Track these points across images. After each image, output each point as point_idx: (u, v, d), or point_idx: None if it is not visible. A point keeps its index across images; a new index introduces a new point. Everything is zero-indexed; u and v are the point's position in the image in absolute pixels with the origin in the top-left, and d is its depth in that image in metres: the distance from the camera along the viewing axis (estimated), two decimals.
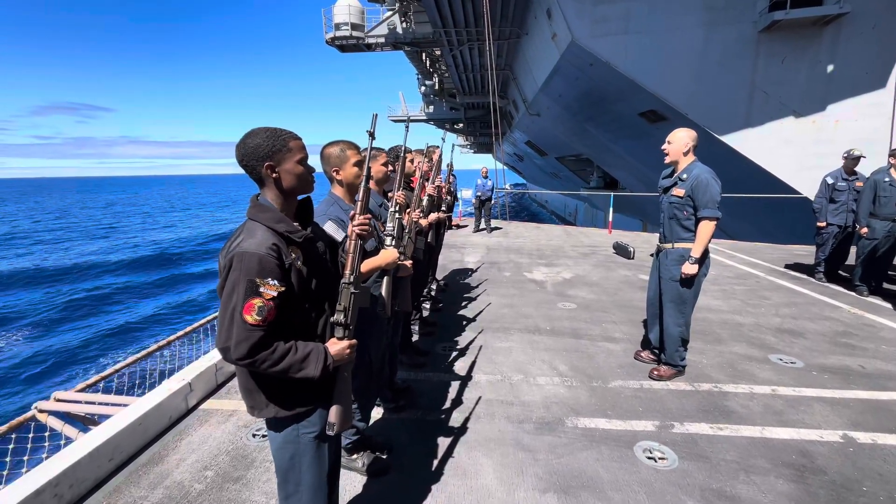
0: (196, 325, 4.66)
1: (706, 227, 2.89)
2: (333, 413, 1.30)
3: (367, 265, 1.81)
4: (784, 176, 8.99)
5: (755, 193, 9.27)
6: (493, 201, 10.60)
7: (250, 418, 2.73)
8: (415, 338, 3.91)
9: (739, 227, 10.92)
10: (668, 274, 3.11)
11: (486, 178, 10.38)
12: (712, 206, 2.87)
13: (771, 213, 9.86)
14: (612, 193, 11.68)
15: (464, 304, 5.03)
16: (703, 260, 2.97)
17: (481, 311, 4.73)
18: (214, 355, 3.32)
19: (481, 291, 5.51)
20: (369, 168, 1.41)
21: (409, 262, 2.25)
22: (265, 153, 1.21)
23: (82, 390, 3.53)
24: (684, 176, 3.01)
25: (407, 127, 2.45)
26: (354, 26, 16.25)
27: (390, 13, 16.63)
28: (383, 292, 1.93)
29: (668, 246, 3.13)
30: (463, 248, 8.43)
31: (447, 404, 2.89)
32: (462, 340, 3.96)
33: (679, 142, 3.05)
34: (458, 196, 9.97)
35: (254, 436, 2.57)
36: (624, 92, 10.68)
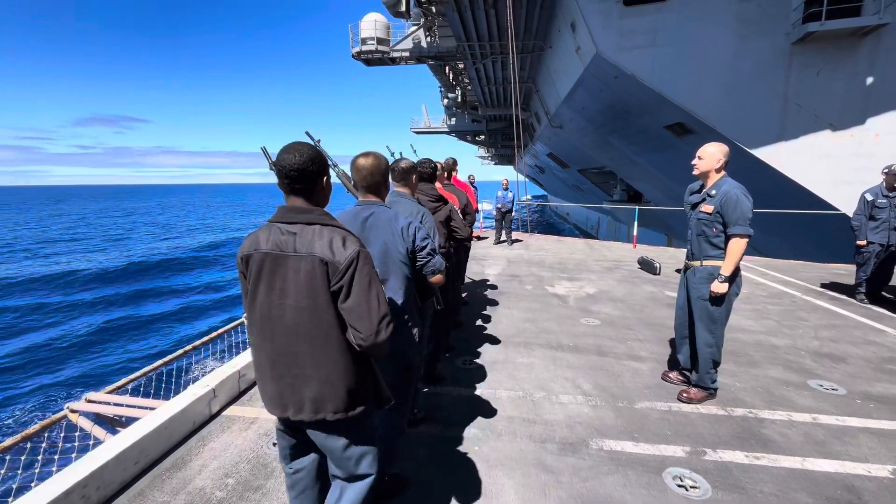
0: (221, 330, 4.77)
1: (737, 245, 2.78)
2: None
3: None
4: (820, 191, 8.63)
5: (789, 209, 8.92)
6: (513, 213, 10.55)
7: (270, 427, 2.75)
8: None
9: (772, 244, 10.52)
10: (696, 292, 3.00)
11: (506, 189, 10.36)
12: (743, 223, 2.76)
13: (806, 230, 9.46)
14: (636, 207, 11.46)
15: (484, 317, 4.98)
16: (734, 278, 2.86)
17: (502, 325, 4.66)
18: (238, 362, 3.37)
19: (502, 305, 5.44)
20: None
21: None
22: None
23: (112, 392, 3.64)
24: (713, 192, 2.91)
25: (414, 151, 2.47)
26: (380, 41, 16.62)
27: (415, 28, 16.96)
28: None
29: (697, 263, 3.03)
30: (483, 260, 8.38)
31: (467, 420, 2.84)
32: (482, 354, 3.90)
33: (710, 157, 2.96)
34: (479, 208, 9.95)
35: (274, 444, 2.58)
36: (650, 105, 10.53)
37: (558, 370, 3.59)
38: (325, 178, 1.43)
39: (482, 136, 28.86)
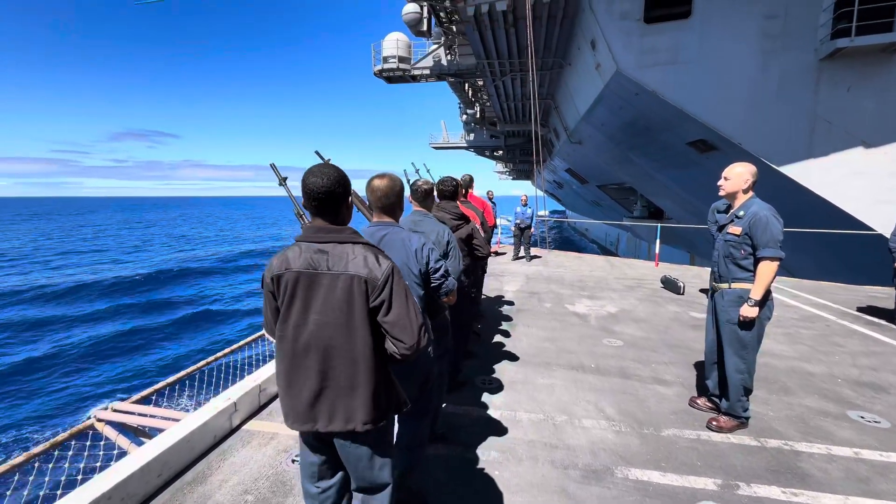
0: (242, 342, 4.84)
1: (767, 268, 2.68)
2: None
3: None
4: (854, 210, 8.31)
5: (820, 228, 8.61)
6: (532, 230, 10.48)
7: (290, 443, 2.75)
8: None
9: (802, 264, 10.14)
10: (725, 316, 2.90)
11: (525, 205, 10.33)
12: (774, 245, 2.67)
13: (838, 250, 9.10)
14: (658, 224, 11.25)
15: (503, 334, 4.92)
16: (765, 302, 2.76)
17: (521, 344, 4.59)
18: (259, 376, 3.40)
19: (521, 323, 5.37)
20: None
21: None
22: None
23: (137, 402, 3.71)
24: (741, 213, 2.84)
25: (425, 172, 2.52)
26: (401, 59, 17.02)
27: (436, 46, 17.33)
28: None
29: (724, 286, 2.94)
30: (502, 276, 8.32)
31: (487, 442, 2.78)
32: (502, 374, 3.84)
33: (738, 178, 2.89)
34: (497, 223, 9.93)
35: (293, 461, 2.57)
36: (671, 121, 10.42)
37: (580, 392, 3.49)
38: (349, 198, 1.49)
39: (500, 152, 28.99)
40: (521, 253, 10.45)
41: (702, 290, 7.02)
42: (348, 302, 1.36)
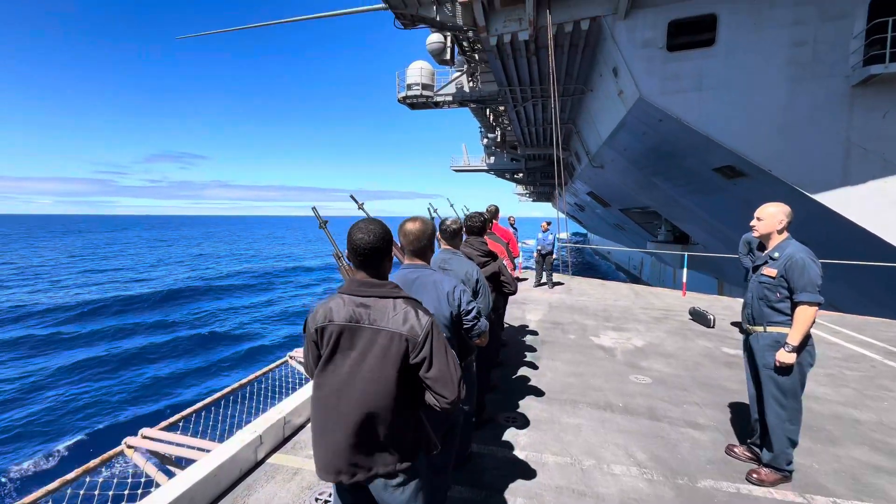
0: (265, 369, 4.89)
1: (806, 313, 2.57)
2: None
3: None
4: None
5: (860, 259, 8.23)
6: (554, 256, 10.38)
7: (313, 479, 2.74)
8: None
9: (843, 296, 9.68)
10: (762, 360, 2.79)
11: (546, 231, 10.27)
12: (812, 289, 2.56)
13: (882, 283, 8.66)
14: (685, 253, 10.97)
15: (526, 367, 4.83)
16: (803, 347, 2.64)
17: (546, 379, 4.49)
18: (284, 407, 3.43)
19: (544, 355, 5.27)
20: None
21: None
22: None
23: (165, 428, 3.77)
24: (776, 255, 2.75)
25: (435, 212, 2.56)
26: (425, 86, 17.49)
27: (458, 74, 17.76)
28: None
29: (759, 329, 2.83)
30: (524, 304, 8.22)
31: (513, 486, 2.70)
32: (527, 410, 3.75)
33: (771, 218, 2.81)
34: (520, 248, 9.86)
35: (316, 500, 2.55)
36: (697, 147, 10.30)
37: (608, 434, 3.37)
38: (391, 252, 1.55)
39: (520, 174, 29.11)
40: (544, 279, 10.33)
41: (733, 324, 6.75)
42: (388, 357, 1.40)
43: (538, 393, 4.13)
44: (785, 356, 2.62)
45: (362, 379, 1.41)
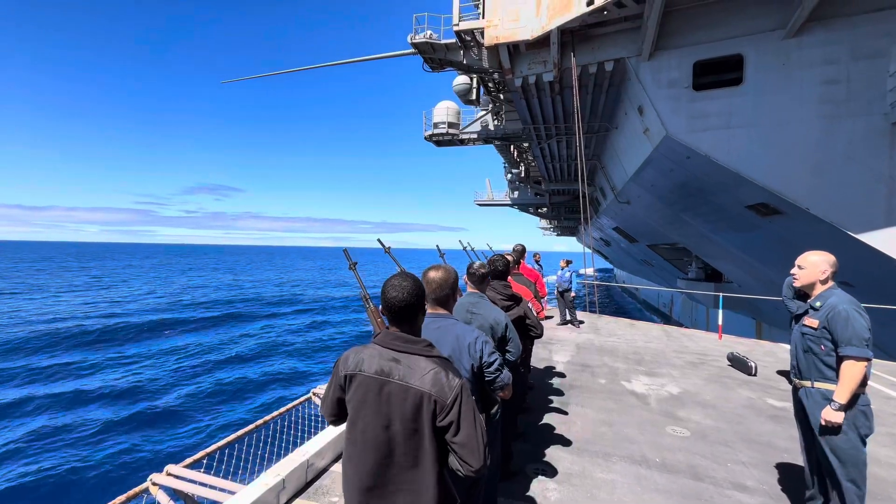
0: (289, 406, 4.88)
1: (852, 370, 2.39)
2: None
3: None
4: None
5: None
6: (572, 293, 10.15)
7: None
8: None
9: (895, 342, 9.00)
10: (815, 420, 2.59)
11: (565, 269, 10.14)
12: (858, 343, 2.39)
13: None
14: (720, 294, 10.53)
15: (554, 413, 4.63)
16: (851, 406, 2.44)
17: (576, 427, 4.28)
18: (307, 450, 3.38)
19: (573, 400, 5.05)
20: None
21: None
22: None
23: (190, 465, 3.78)
24: (818, 304, 2.60)
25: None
26: (451, 125, 18.05)
27: (483, 113, 18.28)
28: None
29: (807, 384, 2.66)
30: (550, 343, 7.99)
31: None
32: (556, 462, 3.57)
33: (813, 267, 2.68)
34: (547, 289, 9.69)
35: None
36: (727, 184, 10.10)
37: (646, 494, 3.15)
38: (424, 307, 1.59)
39: (545, 209, 29.12)
40: (568, 317, 10.07)
41: (779, 373, 6.33)
42: (415, 417, 1.40)
43: (568, 443, 3.94)
44: (831, 414, 2.43)
45: (393, 433, 1.42)
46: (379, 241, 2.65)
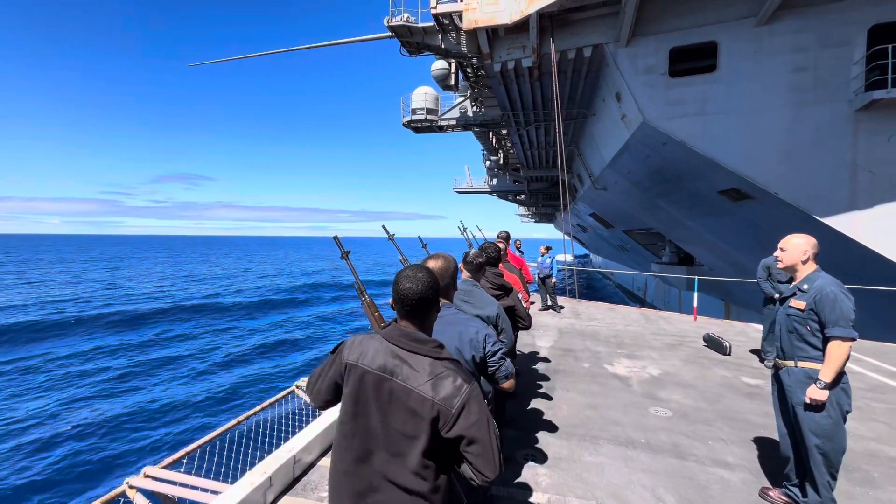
0: (272, 399, 4.75)
1: (839, 349, 2.48)
2: None
3: None
4: None
5: (874, 285, 8.10)
6: (554, 279, 10.27)
7: None
8: None
9: (860, 323, 9.50)
10: (795, 398, 2.68)
11: (545, 255, 10.22)
12: (845, 324, 2.49)
13: None
14: (696, 277, 10.87)
15: (541, 398, 4.67)
16: (835, 385, 2.53)
17: (562, 412, 4.33)
18: (294, 445, 3.29)
19: (559, 385, 5.11)
20: None
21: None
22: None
23: (169, 466, 3.62)
24: (805, 286, 2.69)
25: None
26: (429, 111, 17.77)
27: (462, 99, 18.06)
28: None
29: (790, 363, 2.74)
30: (533, 329, 8.07)
31: None
32: (545, 447, 3.60)
33: (795, 249, 2.77)
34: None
35: None
36: (701, 170, 10.34)
37: (633, 474, 3.21)
38: (439, 304, 1.50)
39: (523, 196, 29.28)
40: (549, 302, 10.20)
41: (752, 351, 6.59)
42: (416, 422, 1.31)
43: (555, 428, 3.98)
44: (816, 392, 2.52)
45: (390, 436, 1.34)
46: (384, 227, 2.56)
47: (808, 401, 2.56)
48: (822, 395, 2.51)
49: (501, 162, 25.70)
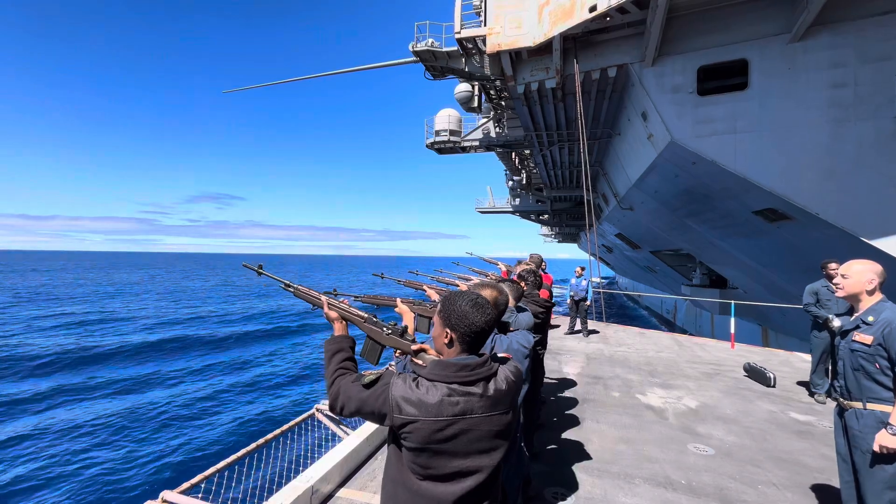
0: (292, 423, 4.66)
1: None
2: None
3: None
4: None
5: None
6: (588, 302, 9.93)
7: None
8: None
9: None
10: (863, 444, 2.39)
11: (580, 276, 9.93)
12: None
13: None
14: (732, 301, 10.34)
15: (569, 430, 4.42)
16: None
17: (593, 446, 4.07)
18: (311, 475, 3.18)
19: (588, 416, 4.83)
20: None
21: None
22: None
23: (186, 491, 3.56)
24: (870, 318, 2.43)
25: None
26: (452, 132, 17.99)
27: (485, 120, 18.23)
28: None
29: (857, 405, 2.46)
30: (559, 354, 7.78)
31: None
32: (575, 485, 3.35)
33: (858, 276, 2.51)
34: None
35: None
36: (733, 189, 9.95)
37: None
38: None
39: (546, 216, 29.00)
40: (578, 326, 9.85)
41: (800, 383, 6.11)
42: (501, 433, 1.26)
43: (586, 463, 3.72)
44: (888, 439, 2.23)
45: (477, 468, 1.24)
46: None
47: (877, 449, 2.27)
48: (893, 443, 2.23)
49: (524, 182, 25.62)
